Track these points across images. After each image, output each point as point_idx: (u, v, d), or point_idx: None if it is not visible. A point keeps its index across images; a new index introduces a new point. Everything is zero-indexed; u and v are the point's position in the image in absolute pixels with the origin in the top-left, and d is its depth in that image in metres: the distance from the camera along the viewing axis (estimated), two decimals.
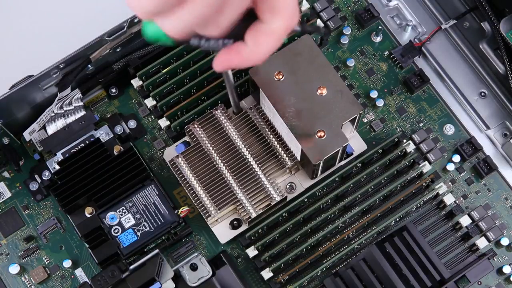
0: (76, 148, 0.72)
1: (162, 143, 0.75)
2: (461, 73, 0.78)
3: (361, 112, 0.67)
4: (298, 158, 0.69)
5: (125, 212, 0.70)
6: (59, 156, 0.72)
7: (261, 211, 0.69)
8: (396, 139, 0.72)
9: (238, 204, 0.70)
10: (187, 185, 0.70)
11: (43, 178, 0.72)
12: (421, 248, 0.69)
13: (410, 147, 0.72)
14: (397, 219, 0.71)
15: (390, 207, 0.71)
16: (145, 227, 0.69)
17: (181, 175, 0.70)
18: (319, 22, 0.76)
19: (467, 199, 0.73)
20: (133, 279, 0.64)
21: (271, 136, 0.70)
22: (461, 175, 0.74)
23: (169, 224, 0.69)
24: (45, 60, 0.71)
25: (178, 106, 0.73)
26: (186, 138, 0.73)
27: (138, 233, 0.69)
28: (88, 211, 0.70)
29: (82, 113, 0.74)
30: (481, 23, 0.78)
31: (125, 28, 0.71)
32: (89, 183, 0.70)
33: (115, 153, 0.72)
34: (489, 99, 0.77)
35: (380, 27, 0.78)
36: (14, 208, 0.73)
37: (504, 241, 0.71)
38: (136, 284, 0.64)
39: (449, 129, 0.76)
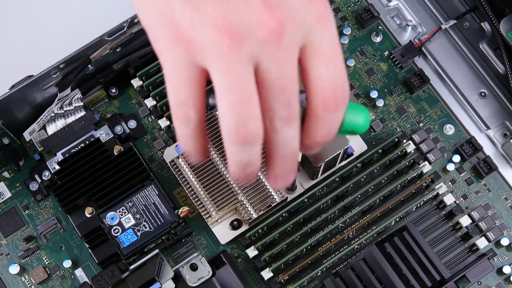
0: (76, 148, 0.72)
1: (162, 143, 0.75)
2: (461, 73, 0.78)
3: None
4: (299, 159, 0.69)
5: (125, 212, 0.70)
6: (59, 156, 0.72)
7: (262, 212, 0.69)
8: (396, 139, 0.72)
9: (239, 204, 0.70)
10: (187, 185, 0.70)
11: (43, 178, 0.72)
12: (421, 248, 0.69)
13: (410, 147, 0.72)
14: (397, 219, 0.71)
15: (390, 207, 0.71)
16: (145, 227, 0.69)
17: (181, 175, 0.70)
18: None
19: (467, 199, 0.73)
20: (133, 279, 0.64)
21: None
22: (461, 175, 0.74)
23: (169, 224, 0.69)
24: (45, 60, 0.71)
25: None
26: None
27: (138, 233, 0.69)
28: (88, 211, 0.70)
29: (82, 113, 0.74)
30: (481, 23, 0.78)
31: (125, 28, 0.71)
32: (89, 183, 0.70)
33: (115, 153, 0.72)
34: (489, 99, 0.77)
35: (380, 27, 0.78)
36: (14, 208, 0.73)
37: (504, 241, 0.71)
38: (136, 284, 0.64)
39: (449, 129, 0.76)
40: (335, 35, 0.44)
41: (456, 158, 0.74)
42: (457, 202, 0.73)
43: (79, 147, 0.72)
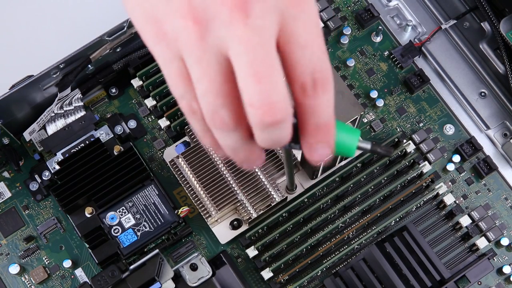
0: (76, 148, 0.72)
1: (162, 143, 0.75)
2: (461, 73, 0.78)
3: (362, 113, 0.67)
4: (299, 159, 0.69)
5: (125, 212, 0.70)
6: (59, 156, 0.72)
7: (262, 211, 0.69)
8: (396, 139, 0.72)
9: (238, 204, 0.70)
10: (187, 185, 0.70)
11: (43, 178, 0.72)
12: (421, 248, 0.69)
13: (410, 147, 0.72)
14: (397, 219, 0.71)
15: (390, 207, 0.71)
16: (145, 227, 0.69)
17: (181, 175, 0.70)
18: None
19: (467, 199, 0.73)
20: (133, 279, 0.64)
21: None
22: (461, 175, 0.74)
23: (169, 224, 0.69)
24: (45, 60, 0.71)
25: (178, 106, 0.73)
26: (186, 138, 0.73)
27: (138, 233, 0.69)
28: (88, 211, 0.70)
29: (82, 113, 0.74)
30: (481, 23, 0.78)
31: (125, 28, 0.71)
32: (89, 183, 0.70)
33: (115, 153, 0.72)
34: (489, 99, 0.77)
35: (380, 27, 0.78)
36: (14, 208, 0.73)
37: (504, 241, 0.71)
38: (136, 284, 0.64)
39: (449, 129, 0.76)
40: (312, 17, 0.42)
41: (456, 158, 0.74)
42: (457, 202, 0.73)
43: (79, 147, 0.72)
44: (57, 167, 0.71)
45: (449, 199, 0.71)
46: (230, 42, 0.40)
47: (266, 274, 0.68)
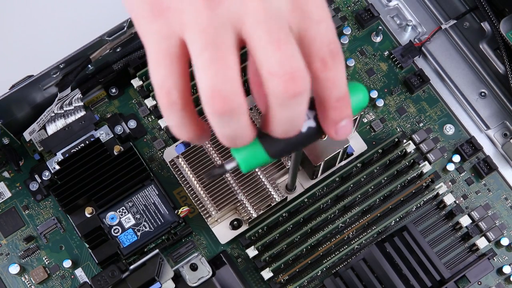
0: (76, 148, 0.72)
1: (162, 143, 0.75)
2: (461, 73, 0.78)
3: (362, 113, 0.67)
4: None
5: (125, 212, 0.70)
6: (59, 156, 0.72)
7: (262, 211, 0.69)
8: (396, 139, 0.72)
9: (238, 204, 0.70)
10: (187, 185, 0.70)
11: (43, 178, 0.72)
12: (421, 248, 0.69)
13: (410, 147, 0.72)
14: (397, 219, 0.71)
15: (390, 207, 0.71)
16: (145, 227, 0.69)
17: (181, 175, 0.70)
18: None
19: (467, 199, 0.73)
20: (133, 279, 0.64)
21: None
22: (461, 175, 0.74)
23: (169, 224, 0.69)
24: (45, 60, 0.71)
25: None
26: None
27: (138, 233, 0.69)
28: (88, 211, 0.70)
29: (82, 113, 0.74)
30: (481, 23, 0.78)
31: (125, 28, 0.71)
32: (89, 183, 0.70)
33: (115, 153, 0.72)
34: (489, 99, 0.77)
35: (380, 27, 0.78)
36: (14, 208, 0.73)
37: (504, 241, 0.71)
38: (136, 284, 0.64)
39: (449, 129, 0.76)
40: None
41: (456, 158, 0.74)
42: (457, 202, 0.73)
43: (79, 147, 0.72)
44: (57, 167, 0.71)
45: (449, 199, 0.71)
46: (245, 15, 0.40)
47: (266, 274, 0.68)
